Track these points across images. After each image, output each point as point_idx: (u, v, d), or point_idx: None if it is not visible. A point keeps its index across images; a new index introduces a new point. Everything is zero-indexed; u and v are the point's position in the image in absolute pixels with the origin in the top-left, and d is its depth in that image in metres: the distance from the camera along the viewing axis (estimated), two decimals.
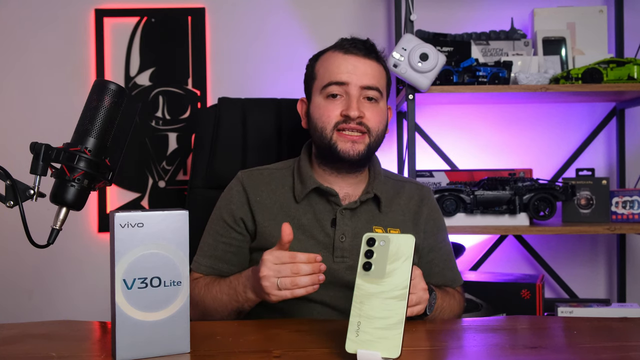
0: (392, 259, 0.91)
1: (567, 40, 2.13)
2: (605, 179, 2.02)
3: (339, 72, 1.32)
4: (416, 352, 0.96)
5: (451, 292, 1.36)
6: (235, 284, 1.24)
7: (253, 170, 1.41)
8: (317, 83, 1.36)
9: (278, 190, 1.36)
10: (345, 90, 1.31)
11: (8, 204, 0.96)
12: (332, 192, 1.33)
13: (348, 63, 1.32)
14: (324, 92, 1.33)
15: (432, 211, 1.42)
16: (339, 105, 1.31)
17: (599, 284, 2.35)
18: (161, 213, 0.92)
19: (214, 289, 1.28)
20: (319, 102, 1.34)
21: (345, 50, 1.34)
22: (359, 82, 1.31)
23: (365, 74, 1.32)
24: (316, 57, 1.40)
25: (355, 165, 1.34)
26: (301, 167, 1.37)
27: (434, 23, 2.22)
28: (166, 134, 2.33)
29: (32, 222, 0.98)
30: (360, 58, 1.33)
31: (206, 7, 2.33)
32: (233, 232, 1.35)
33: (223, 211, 1.37)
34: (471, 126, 2.32)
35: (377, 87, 1.33)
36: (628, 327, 1.12)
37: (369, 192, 1.35)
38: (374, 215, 1.35)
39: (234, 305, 1.24)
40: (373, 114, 1.32)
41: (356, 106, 1.29)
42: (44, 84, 2.33)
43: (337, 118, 1.30)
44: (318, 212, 1.33)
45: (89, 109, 0.98)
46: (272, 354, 0.94)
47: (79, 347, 1.02)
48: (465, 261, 2.30)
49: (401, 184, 1.43)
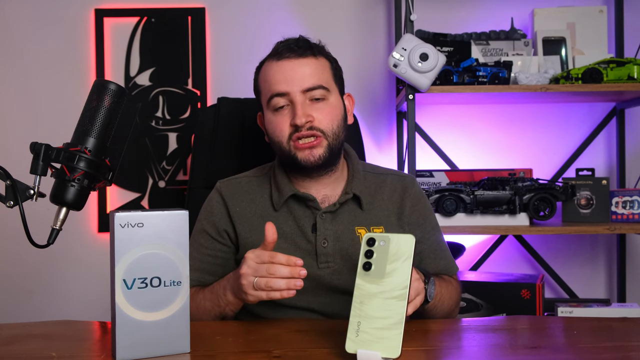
0: (392, 259, 0.91)
1: (567, 40, 2.13)
2: (605, 179, 2.01)
3: (276, 82, 1.27)
4: (416, 352, 0.96)
5: (447, 279, 1.31)
6: (217, 288, 1.22)
7: (231, 179, 1.39)
8: (263, 97, 1.32)
9: (257, 200, 1.34)
10: (289, 99, 1.27)
11: (8, 204, 0.96)
12: (309, 197, 1.30)
13: (283, 70, 1.27)
14: (270, 106, 1.29)
15: (416, 202, 1.36)
16: (287, 115, 1.27)
17: (599, 284, 2.35)
18: (161, 213, 0.92)
19: (198, 297, 1.25)
20: (269, 117, 1.31)
21: (279, 56, 1.29)
22: (299, 87, 1.26)
23: (304, 76, 1.27)
24: (258, 70, 1.36)
25: (322, 169, 1.30)
26: (276, 175, 1.34)
27: (434, 23, 2.22)
28: (166, 134, 2.33)
29: (32, 222, 0.99)
30: (295, 60, 1.28)
31: (206, 7, 2.33)
32: (217, 244, 1.33)
33: (205, 223, 1.35)
34: (471, 126, 2.32)
35: (320, 85, 1.27)
36: (628, 327, 1.12)
37: (347, 192, 1.31)
38: (356, 215, 1.32)
39: (216, 311, 1.22)
40: (323, 114, 1.27)
41: (301, 113, 1.25)
42: (44, 84, 2.33)
43: (288, 130, 1.27)
44: (298, 219, 1.30)
45: (88, 109, 0.98)
46: (272, 354, 0.94)
47: (79, 347, 1.02)
48: (465, 261, 2.30)
49: (382, 178, 1.38)
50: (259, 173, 1.40)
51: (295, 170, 1.32)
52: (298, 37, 1.33)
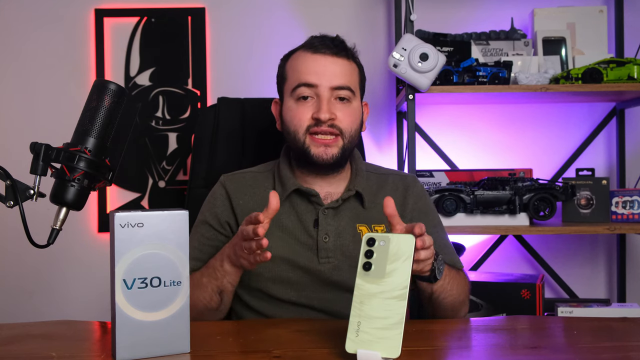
0: (392, 259, 0.91)
1: (567, 40, 2.13)
2: (605, 179, 2.01)
3: (307, 73, 1.29)
4: (416, 352, 0.96)
5: (455, 269, 1.30)
6: (213, 262, 1.23)
7: (235, 174, 1.40)
8: (288, 85, 1.33)
9: (260, 194, 1.35)
10: (315, 92, 1.28)
11: (8, 204, 0.96)
12: (312, 192, 1.31)
13: (317, 63, 1.29)
14: (294, 94, 1.30)
15: (418, 200, 1.38)
16: (310, 107, 1.28)
17: (599, 284, 2.35)
18: (161, 213, 0.92)
19: (195, 277, 1.25)
20: (290, 105, 1.31)
21: (314, 49, 1.30)
22: (328, 83, 1.28)
23: (335, 74, 1.29)
24: (286, 57, 1.37)
25: (330, 168, 1.32)
26: (281, 169, 1.35)
27: (434, 23, 2.22)
28: (166, 134, 2.33)
29: (32, 222, 0.98)
30: (330, 57, 1.30)
31: (206, 7, 2.33)
32: (219, 234, 1.34)
33: (207, 215, 1.36)
34: (471, 126, 2.32)
35: (348, 87, 1.30)
36: (628, 327, 1.12)
37: (350, 189, 1.33)
38: (358, 213, 1.33)
39: (214, 284, 1.21)
40: (345, 115, 1.29)
41: (327, 108, 1.26)
42: (44, 84, 2.33)
43: (308, 121, 1.28)
44: (300, 214, 1.32)
45: (88, 109, 0.98)
46: (272, 354, 0.93)
47: (79, 347, 1.02)
48: (465, 261, 2.29)
49: (384, 177, 1.40)
50: (263, 169, 1.41)
51: (302, 164, 1.33)
52: (335, 35, 1.34)
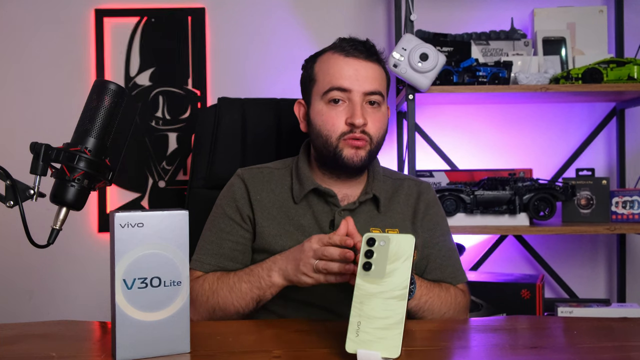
0: (392, 259, 0.91)
1: (567, 40, 2.13)
2: (605, 179, 2.02)
3: (340, 77, 1.27)
4: (416, 352, 0.96)
5: (445, 286, 1.31)
6: (257, 270, 1.21)
7: (252, 168, 1.39)
8: (318, 87, 1.31)
9: (277, 190, 1.35)
10: (348, 96, 1.27)
11: (8, 204, 0.96)
12: (330, 192, 1.32)
13: (350, 67, 1.28)
14: (326, 97, 1.28)
15: (429, 207, 1.39)
16: (342, 112, 1.27)
17: (599, 284, 2.35)
18: (161, 213, 0.92)
19: (230, 279, 1.23)
20: (320, 108, 1.30)
21: (346, 52, 1.29)
22: (361, 88, 1.27)
23: (367, 78, 1.28)
24: (314, 58, 1.35)
25: (355, 172, 1.33)
26: (299, 167, 1.35)
27: (434, 23, 2.22)
28: (166, 134, 2.33)
29: (32, 222, 0.98)
30: (362, 61, 1.29)
31: (206, 7, 2.33)
32: (240, 229, 1.32)
33: (227, 209, 1.34)
34: (471, 126, 2.32)
35: (379, 92, 1.29)
36: (628, 327, 1.12)
37: (367, 192, 1.33)
38: (373, 216, 1.34)
39: (255, 293, 1.20)
40: (374, 121, 1.29)
41: (360, 114, 1.25)
42: (44, 84, 2.33)
43: (342, 127, 1.27)
44: (317, 213, 1.32)
45: (88, 109, 0.98)
46: (272, 354, 0.93)
47: (79, 347, 1.02)
48: (465, 261, 2.29)
49: (400, 182, 1.41)
50: (280, 165, 1.40)
51: (329, 166, 1.33)
52: (365, 39, 1.34)
